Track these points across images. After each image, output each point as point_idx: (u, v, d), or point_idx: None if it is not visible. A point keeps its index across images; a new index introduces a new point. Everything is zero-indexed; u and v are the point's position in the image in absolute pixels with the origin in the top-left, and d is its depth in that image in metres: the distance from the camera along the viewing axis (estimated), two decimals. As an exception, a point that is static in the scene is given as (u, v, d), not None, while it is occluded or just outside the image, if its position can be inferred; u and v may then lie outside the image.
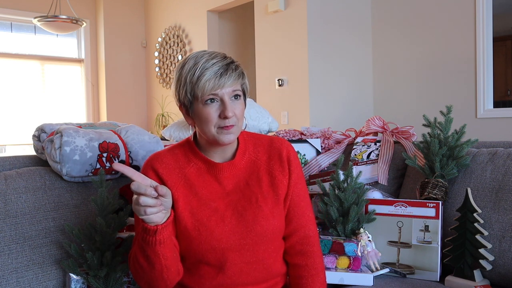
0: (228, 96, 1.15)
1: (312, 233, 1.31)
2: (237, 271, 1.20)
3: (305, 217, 1.30)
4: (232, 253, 1.19)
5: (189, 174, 1.22)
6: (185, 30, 5.52)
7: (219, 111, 1.15)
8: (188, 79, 1.15)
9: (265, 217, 1.22)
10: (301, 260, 1.29)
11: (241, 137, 1.29)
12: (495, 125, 3.59)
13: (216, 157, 1.24)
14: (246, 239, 1.19)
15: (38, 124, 1.70)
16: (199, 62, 1.14)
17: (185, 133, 2.16)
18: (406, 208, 1.63)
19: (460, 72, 3.77)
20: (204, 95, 1.13)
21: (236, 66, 1.18)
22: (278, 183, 1.26)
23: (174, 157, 1.24)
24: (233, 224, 1.20)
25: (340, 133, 2.23)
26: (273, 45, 4.28)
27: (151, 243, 1.08)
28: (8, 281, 1.35)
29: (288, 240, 1.30)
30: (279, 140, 1.31)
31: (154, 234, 1.07)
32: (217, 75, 1.13)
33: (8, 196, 1.43)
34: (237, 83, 1.17)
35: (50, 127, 1.62)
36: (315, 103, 4.06)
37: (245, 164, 1.26)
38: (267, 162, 1.28)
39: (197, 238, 1.17)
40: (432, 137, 1.72)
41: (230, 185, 1.23)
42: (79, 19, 4.53)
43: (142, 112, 6.25)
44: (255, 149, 1.29)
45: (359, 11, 4.35)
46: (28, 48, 5.71)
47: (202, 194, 1.21)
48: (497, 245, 1.50)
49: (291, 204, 1.28)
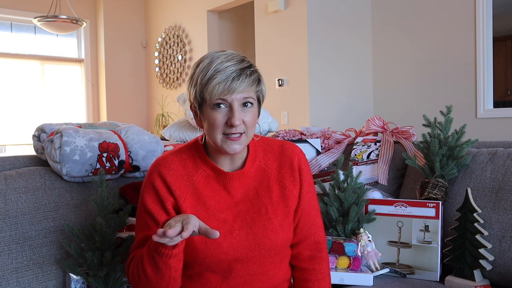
0: (237, 102, 1.08)
1: (322, 239, 1.29)
2: (242, 282, 1.17)
3: (315, 225, 1.27)
4: (239, 265, 1.16)
5: (197, 182, 1.17)
6: (185, 30, 5.52)
7: (226, 118, 1.08)
8: (199, 79, 1.09)
9: (274, 229, 1.17)
10: (309, 265, 1.27)
11: (251, 143, 1.22)
12: (495, 125, 3.59)
13: (225, 164, 1.18)
14: (254, 251, 1.16)
15: (38, 124, 1.70)
16: (213, 62, 1.08)
17: (185, 133, 2.16)
18: (406, 208, 1.63)
19: (460, 72, 3.77)
20: (212, 99, 1.07)
21: (252, 72, 1.11)
22: (289, 194, 1.21)
23: (182, 162, 1.18)
24: (242, 237, 1.15)
25: (340, 133, 2.23)
26: (273, 45, 4.28)
27: (165, 255, 1.02)
28: (8, 281, 1.35)
29: (297, 247, 1.27)
30: (290, 147, 1.25)
31: (171, 248, 1.01)
32: (228, 79, 1.06)
33: (8, 196, 1.43)
34: (250, 90, 1.10)
35: (50, 127, 1.62)
36: (315, 103, 4.06)
37: (255, 172, 1.20)
38: (277, 170, 1.22)
39: (203, 251, 1.13)
40: (432, 137, 1.72)
41: (239, 194, 1.18)
42: (79, 19, 4.53)
43: (142, 112, 6.25)
44: (265, 156, 1.23)
45: (359, 11, 4.35)
46: (28, 48, 5.71)
47: (210, 204, 1.16)
48: (497, 245, 1.50)
49: (302, 214, 1.24)
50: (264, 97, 1.18)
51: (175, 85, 5.69)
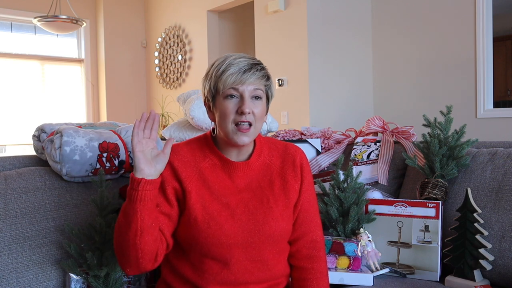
0: (248, 93, 1.17)
1: (320, 238, 1.33)
2: (241, 268, 1.21)
3: (313, 223, 1.32)
4: (238, 250, 1.20)
5: (204, 169, 1.24)
6: (185, 30, 5.52)
7: (237, 107, 1.17)
8: (214, 73, 1.19)
9: (275, 218, 1.23)
10: (307, 264, 1.30)
11: (258, 140, 1.30)
12: (495, 125, 3.59)
13: (232, 156, 1.26)
14: (254, 237, 1.20)
15: (38, 124, 1.70)
16: (228, 59, 1.19)
17: (185, 133, 2.16)
18: (406, 208, 1.63)
19: (460, 72, 3.77)
20: (225, 88, 1.17)
21: (263, 68, 1.21)
22: (290, 188, 1.28)
23: (190, 151, 1.26)
24: (243, 221, 1.21)
25: (340, 133, 2.23)
26: (273, 45, 4.28)
27: (133, 198, 1.10)
28: (8, 281, 1.35)
29: (295, 244, 1.31)
30: (293, 147, 1.34)
31: (137, 188, 1.09)
32: (241, 71, 1.16)
33: (8, 196, 1.43)
34: (260, 83, 1.19)
35: (50, 127, 1.62)
36: (315, 103, 4.06)
37: (259, 166, 1.28)
38: (280, 166, 1.30)
39: (205, 231, 1.18)
40: (432, 137, 1.72)
41: (243, 184, 1.25)
42: (79, 19, 4.53)
43: (142, 112, 6.25)
44: (270, 152, 1.31)
45: (359, 11, 4.35)
46: (28, 48, 5.71)
47: (215, 189, 1.22)
48: (497, 245, 1.50)
49: (301, 210, 1.30)
50: (272, 95, 1.26)
51: (175, 85, 5.69)
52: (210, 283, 1.20)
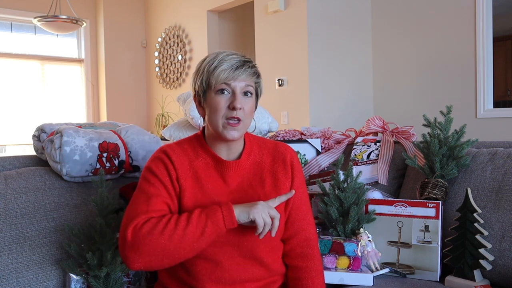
0: (239, 89, 1.20)
1: (313, 236, 1.33)
2: (235, 265, 1.21)
3: (306, 220, 1.32)
4: (230, 248, 1.21)
5: (198, 167, 1.25)
6: (185, 30, 5.52)
7: (229, 102, 1.19)
8: (205, 68, 1.21)
9: None
10: (301, 262, 1.30)
11: (247, 139, 1.31)
12: (495, 125, 3.59)
13: (223, 154, 1.26)
14: (246, 235, 1.21)
15: (38, 124, 1.71)
16: (219, 55, 1.22)
17: (185, 133, 2.16)
18: (406, 208, 1.63)
19: (460, 72, 3.77)
20: (218, 83, 1.19)
21: (253, 66, 1.24)
22: (281, 185, 1.28)
23: (183, 151, 1.27)
24: None
25: (340, 133, 2.23)
26: (273, 45, 4.28)
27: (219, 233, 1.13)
28: (8, 281, 1.35)
29: (289, 243, 1.31)
30: (283, 146, 1.35)
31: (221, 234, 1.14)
32: (233, 68, 1.19)
33: (8, 196, 1.43)
34: (251, 80, 1.22)
35: (50, 127, 1.62)
36: (315, 103, 4.06)
37: (250, 165, 1.29)
38: (271, 164, 1.31)
39: None
40: (432, 137, 1.72)
41: (234, 184, 1.26)
42: (79, 19, 4.53)
43: (142, 112, 6.25)
44: (260, 151, 1.32)
45: (359, 11, 4.35)
46: (28, 48, 5.71)
47: (207, 188, 1.24)
48: (497, 245, 1.50)
49: (293, 207, 1.30)
50: (261, 92, 1.29)
51: (175, 85, 5.69)
52: (206, 283, 1.21)
